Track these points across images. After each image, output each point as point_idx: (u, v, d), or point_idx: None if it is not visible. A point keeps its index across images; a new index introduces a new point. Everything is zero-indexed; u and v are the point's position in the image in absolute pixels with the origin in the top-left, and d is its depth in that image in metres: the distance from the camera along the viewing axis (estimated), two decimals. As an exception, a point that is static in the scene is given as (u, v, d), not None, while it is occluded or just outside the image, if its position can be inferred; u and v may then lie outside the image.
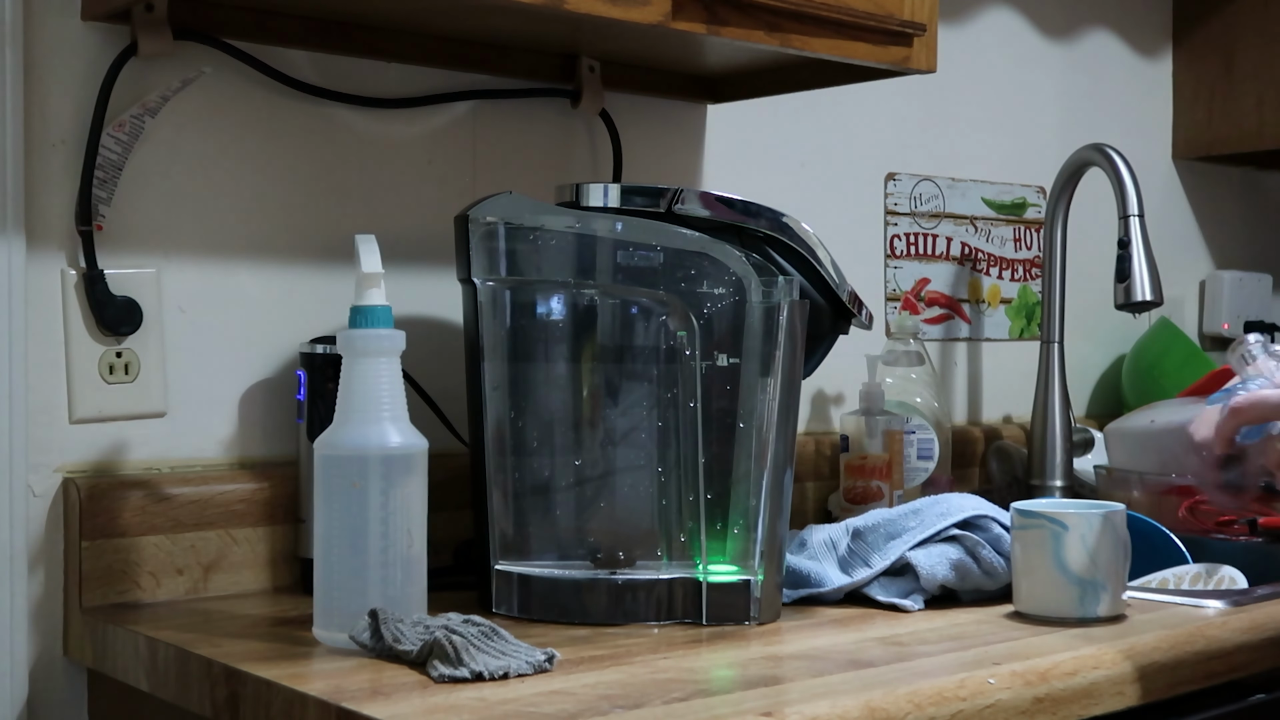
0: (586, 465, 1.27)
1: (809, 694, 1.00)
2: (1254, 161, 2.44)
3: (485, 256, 1.28)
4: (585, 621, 1.24)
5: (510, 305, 1.29)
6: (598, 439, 1.27)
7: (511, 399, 1.28)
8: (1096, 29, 2.26)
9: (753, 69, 1.65)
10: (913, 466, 1.77)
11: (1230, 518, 1.59)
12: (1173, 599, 1.35)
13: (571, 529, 1.28)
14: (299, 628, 1.20)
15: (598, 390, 1.27)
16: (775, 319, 1.25)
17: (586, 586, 1.25)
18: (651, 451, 1.26)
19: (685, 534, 1.26)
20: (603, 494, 1.28)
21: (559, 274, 1.25)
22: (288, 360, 1.43)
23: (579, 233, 1.24)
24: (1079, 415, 2.15)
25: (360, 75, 1.48)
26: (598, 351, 1.27)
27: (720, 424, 1.25)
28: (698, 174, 1.77)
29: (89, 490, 1.29)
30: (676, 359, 1.25)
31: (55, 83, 1.30)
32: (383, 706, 0.95)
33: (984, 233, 2.08)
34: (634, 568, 1.26)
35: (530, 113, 1.61)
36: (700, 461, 1.25)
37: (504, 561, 1.28)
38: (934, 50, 1.53)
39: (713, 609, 1.24)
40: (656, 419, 1.26)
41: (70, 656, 1.30)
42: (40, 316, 1.30)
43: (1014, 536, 1.29)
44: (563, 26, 1.45)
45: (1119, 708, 1.14)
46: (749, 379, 1.25)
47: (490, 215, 1.28)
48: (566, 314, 1.27)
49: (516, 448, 1.28)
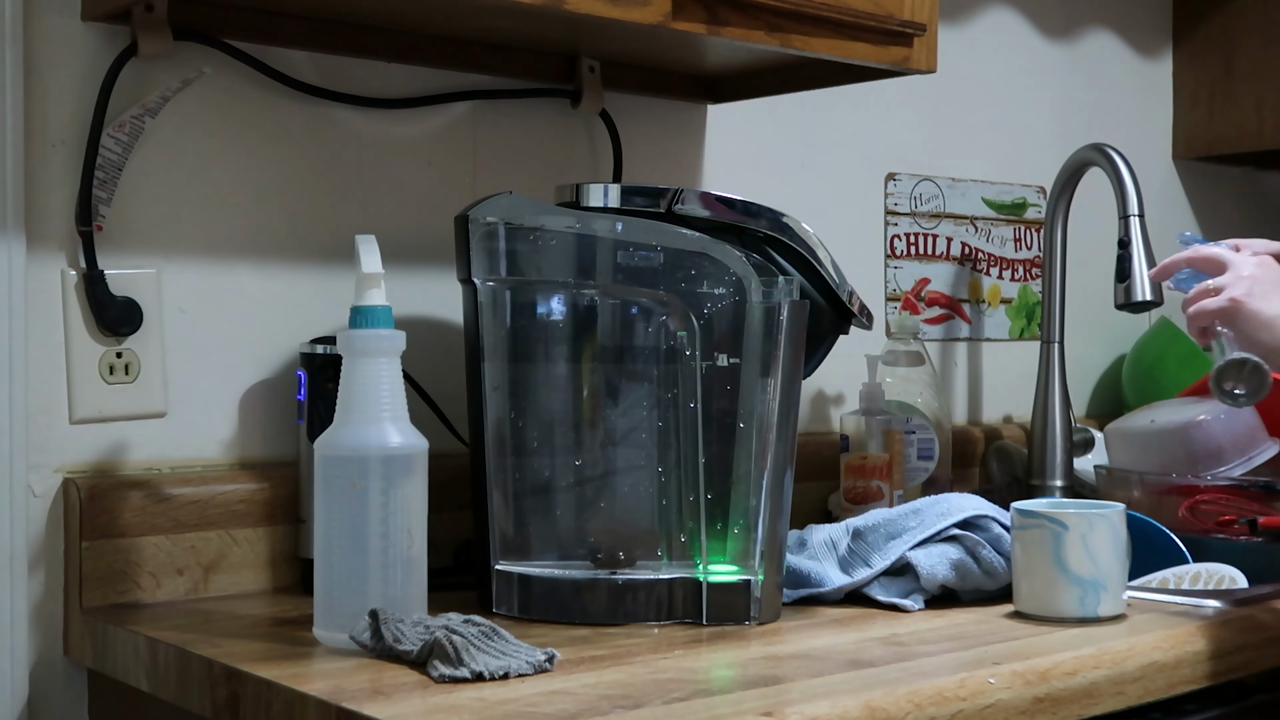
0: (586, 465, 1.27)
1: (809, 694, 1.00)
2: (1254, 161, 2.44)
3: (485, 257, 1.28)
4: (585, 621, 1.24)
5: (510, 305, 1.29)
6: (598, 439, 1.27)
7: (511, 399, 1.28)
8: (1096, 29, 2.26)
9: (753, 69, 1.65)
10: (913, 466, 1.77)
11: (1230, 518, 1.59)
12: (1173, 599, 1.35)
13: (571, 529, 1.28)
14: (299, 628, 1.20)
15: (598, 390, 1.27)
16: (775, 319, 1.25)
17: (586, 586, 1.25)
18: (651, 451, 1.26)
19: (685, 534, 1.26)
20: (603, 494, 1.28)
21: (559, 274, 1.25)
22: (288, 360, 1.43)
23: (579, 233, 1.24)
24: (1079, 415, 2.15)
25: (360, 75, 1.48)
26: (598, 352, 1.27)
27: (720, 424, 1.25)
28: (698, 174, 1.77)
29: (89, 490, 1.29)
30: (676, 359, 1.25)
31: (55, 83, 1.30)
32: (383, 706, 0.95)
33: (984, 233, 2.08)
34: (634, 568, 1.26)
35: (530, 113, 1.61)
36: (700, 461, 1.25)
37: (504, 561, 1.28)
38: (934, 50, 1.53)
39: (713, 609, 1.24)
40: (656, 419, 1.26)
41: (70, 657, 1.30)
42: (40, 317, 1.30)
43: (1014, 536, 1.29)
44: (563, 26, 1.45)
45: (1119, 708, 1.14)
46: (749, 379, 1.25)
47: (490, 215, 1.28)
48: (566, 314, 1.27)
49: (516, 448, 1.28)
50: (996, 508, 1.38)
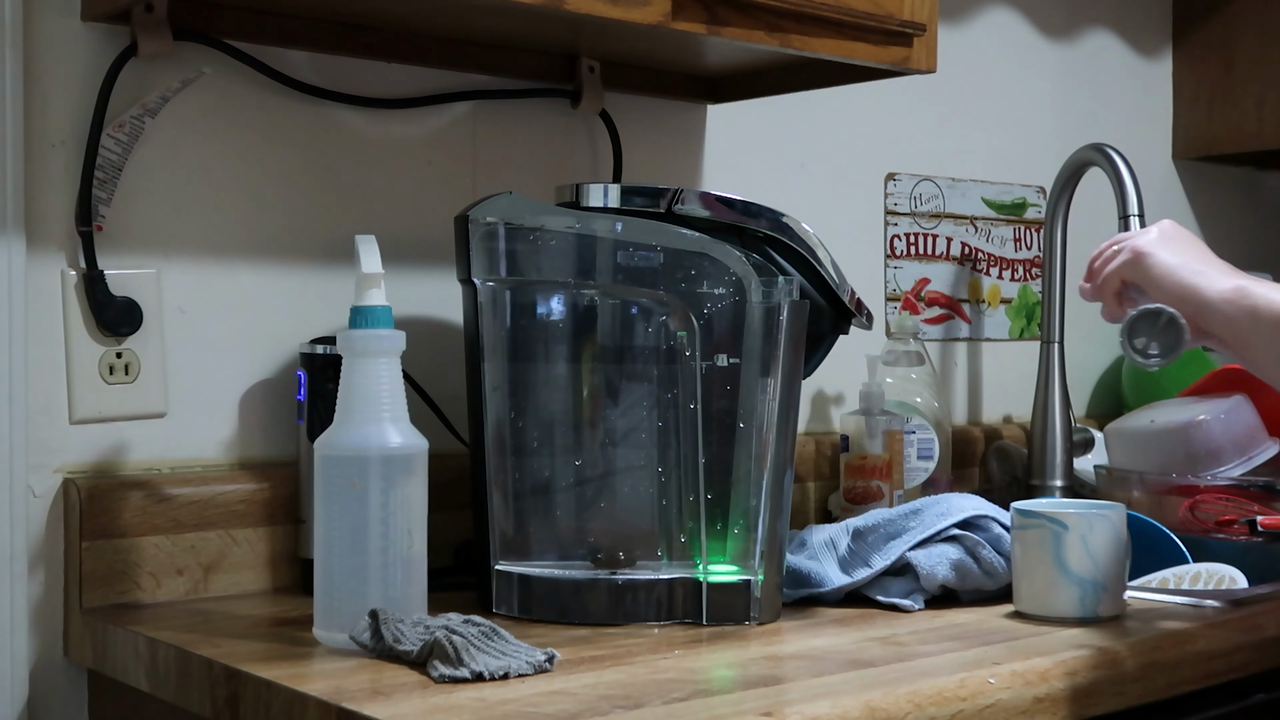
0: (586, 465, 1.27)
1: (809, 694, 1.00)
2: (1254, 161, 2.44)
3: (485, 257, 1.28)
4: (585, 622, 1.24)
5: (510, 305, 1.29)
6: (598, 439, 1.27)
7: (511, 399, 1.28)
8: (1096, 29, 2.26)
9: (753, 69, 1.65)
10: (913, 466, 1.77)
11: (1230, 518, 1.59)
12: (1173, 599, 1.35)
13: (571, 529, 1.28)
14: (299, 628, 1.20)
15: (598, 391, 1.27)
16: (775, 319, 1.25)
17: (587, 587, 1.25)
18: (651, 452, 1.26)
19: (685, 534, 1.26)
20: (603, 494, 1.28)
21: (559, 274, 1.25)
22: (288, 360, 1.43)
23: (579, 233, 1.24)
24: (1079, 415, 2.15)
25: (360, 75, 1.48)
26: (598, 352, 1.27)
27: (720, 424, 1.25)
28: (698, 174, 1.77)
29: (89, 491, 1.29)
30: (676, 359, 1.25)
31: (55, 83, 1.30)
32: (383, 707, 0.95)
33: (984, 233, 2.08)
34: (634, 568, 1.26)
35: (530, 113, 1.61)
36: (700, 462, 1.25)
37: (504, 561, 1.28)
38: (934, 50, 1.53)
39: (713, 609, 1.24)
40: (656, 419, 1.26)
41: (70, 657, 1.30)
42: (40, 317, 1.30)
43: (1014, 536, 1.29)
44: (563, 27, 1.45)
45: (1119, 708, 1.14)
46: (749, 379, 1.25)
47: (490, 215, 1.28)
48: (566, 314, 1.27)
49: (516, 448, 1.28)
50: (996, 508, 1.38)
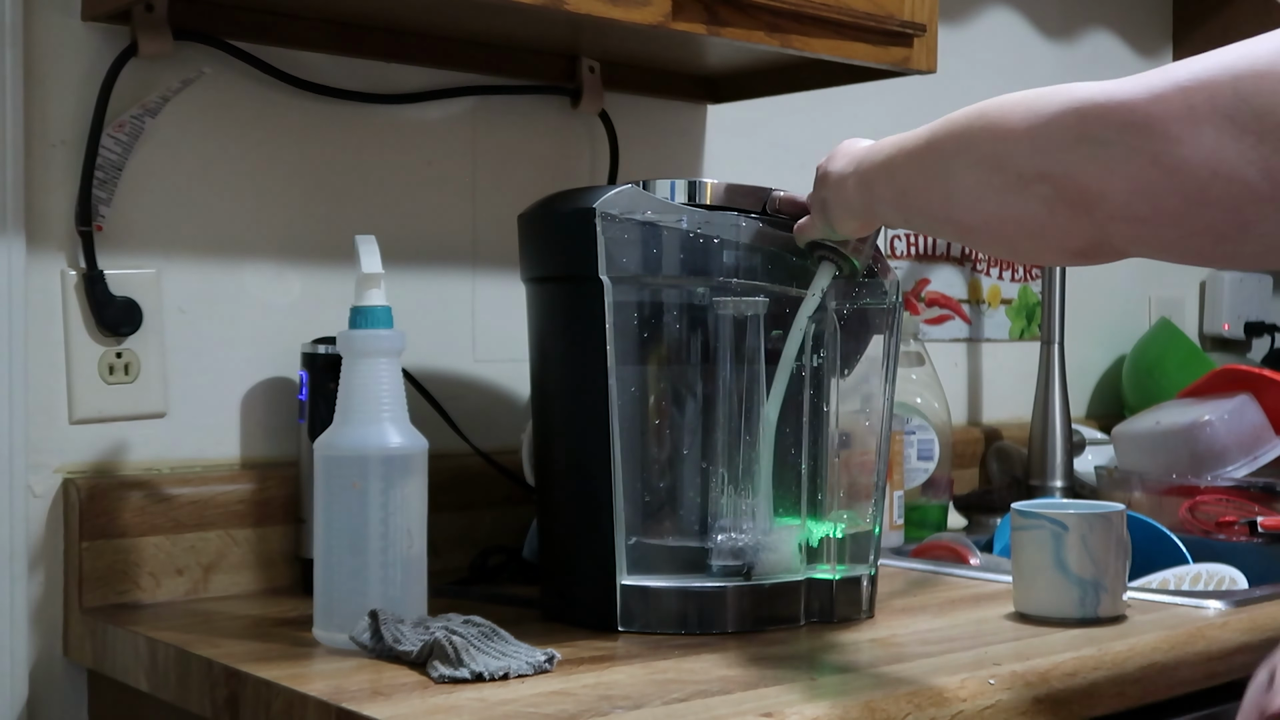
0: (729, 470, 1.23)
1: (809, 694, 1.00)
2: (1254, 162, 2.43)
3: (619, 250, 1.21)
4: (721, 631, 1.21)
5: (649, 305, 1.23)
6: (739, 445, 1.23)
7: (654, 402, 1.24)
8: (1096, 29, 2.26)
9: (753, 69, 1.65)
10: (913, 467, 1.76)
11: (1231, 519, 1.59)
12: (1173, 599, 1.35)
13: (703, 535, 1.23)
14: (299, 628, 1.20)
15: (732, 395, 1.23)
16: (868, 321, 1.26)
17: (727, 595, 1.21)
18: (792, 457, 1.25)
19: (808, 536, 1.26)
20: (741, 500, 1.24)
21: (685, 272, 1.21)
22: (288, 361, 1.43)
23: (703, 232, 1.21)
24: (1079, 415, 2.15)
25: (360, 75, 1.48)
26: (714, 353, 1.23)
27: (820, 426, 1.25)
28: (697, 174, 1.77)
29: (89, 491, 1.29)
30: (804, 364, 1.23)
31: (55, 83, 1.30)
32: (383, 707, 0.95)
33: (984, 233, 2.08)
34: (770, 574, 1.23)
35: (530, 113, 1.61)
36: (834, 461, 1.26)
37: (631, 576, 1.23)
38: (934, 50, 1.53)
39: (839, 606, 1.26)
40: (799, 423, 1.25)
41: (70, 657, 1.30)
42: (40, 317, 1.30)
43: (1014, 537, 1.29)
44: (563, 27, 1.45)
45: (1119, 708, 1.14)
46: (852, 382, 1.26)
47: (620, 209, 1.21)
48: (711, 317, 1.22)
49: (650, 457, 1.24)
50: None
